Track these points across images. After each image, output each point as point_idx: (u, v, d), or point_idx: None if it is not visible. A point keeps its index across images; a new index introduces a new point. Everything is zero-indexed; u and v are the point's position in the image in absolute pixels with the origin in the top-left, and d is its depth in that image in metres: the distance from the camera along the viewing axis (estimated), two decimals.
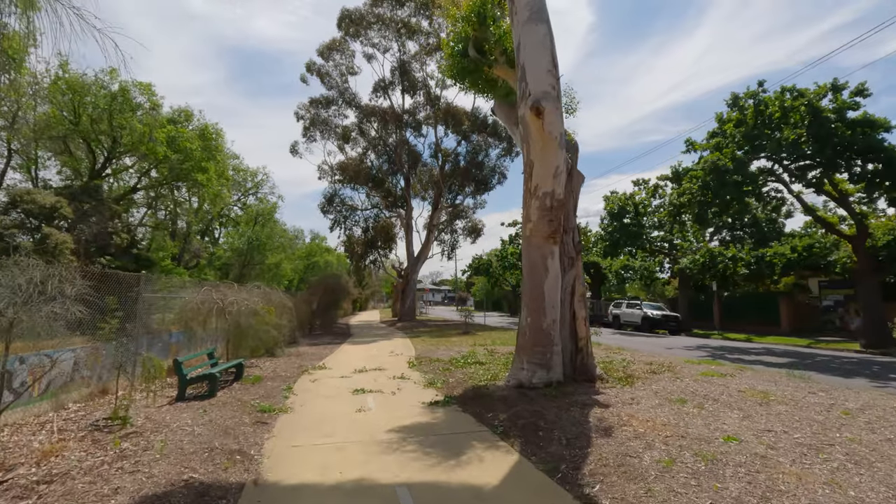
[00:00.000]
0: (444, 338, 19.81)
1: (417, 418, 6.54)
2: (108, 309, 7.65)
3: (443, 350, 14.92)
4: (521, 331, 8.56)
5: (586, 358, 8.59)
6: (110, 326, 7.40)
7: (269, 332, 10.91)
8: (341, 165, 35.08)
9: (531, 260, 8.54)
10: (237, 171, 43.32)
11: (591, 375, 8.48)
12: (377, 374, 10.61)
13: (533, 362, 8.18)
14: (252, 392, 8.49)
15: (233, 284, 11.28)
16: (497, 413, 6.53)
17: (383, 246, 37.44)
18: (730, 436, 5.09)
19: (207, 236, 45.19)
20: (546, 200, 8.30)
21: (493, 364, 11.02)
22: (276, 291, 14.44)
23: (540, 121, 7.98)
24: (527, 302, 8.49)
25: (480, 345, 16.31)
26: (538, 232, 8.44)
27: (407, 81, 33.43)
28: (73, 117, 26.09)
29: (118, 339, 10.23)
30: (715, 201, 16.32)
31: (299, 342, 18.80)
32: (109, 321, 10.95)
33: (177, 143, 28.33)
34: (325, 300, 23.94)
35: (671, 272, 32.43)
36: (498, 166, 36.27)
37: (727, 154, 16.04)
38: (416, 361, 12.40)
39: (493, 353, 13.46)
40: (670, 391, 7.59)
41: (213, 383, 8.00)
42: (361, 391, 8.47)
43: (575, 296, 8.74)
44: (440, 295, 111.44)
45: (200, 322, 10.26)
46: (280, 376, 10.28)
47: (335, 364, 12.30)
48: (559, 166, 8.35)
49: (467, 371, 10.27)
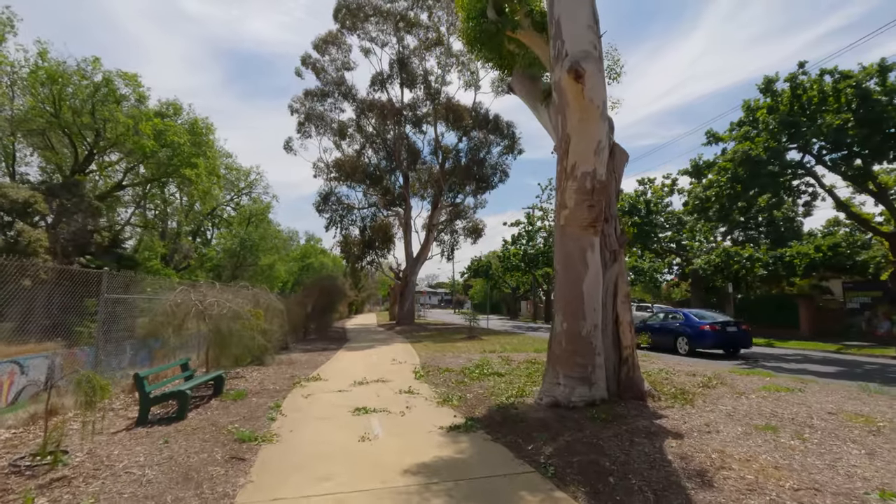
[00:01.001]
0: (448, 343, 18.38)
1: (438, 451, 5.13)
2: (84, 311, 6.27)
3: (450, 357, 13.50)
4: (554, 338, 7.16)
5: (632, 370, 7.20)
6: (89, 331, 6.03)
7: (254, 338, 9.45)
8: (337, 162, 33.63)
9: (567, 254, 7.16)
10: (230, 170, 41.85)
11: (639, 391, 7.09)
12: (380, 386, 9.19)
13: (571, 376, 6.78)
14: (232, 412, 7.05)
15: (214, 284, 9.83)
16: (539, 444, 5.13)
17: (381, 246, 35.96)
18: (885, 490, 3.70)
19: (199, 237, 43.61)
20: (586, 182, 6.92)
21: (514, 376, 9.61)
22: (266, 292, 12.99)
23: (579, 85, 6.61)
24: (562, 304, 7.10)
25: (491, 351, 14.90)
26: (575, 220, 7.06)
27: (406, 75, 32.08)
28: (53, 109, 24.54)
29: (90, 346, 8.79)
30: (745, 195, 15.01)
31: (292, 348, 17.32)
32: (88, 325, 9.54)
33: (164, 137, 26.78)
34: (320, 303, 22.47)
35: (681, 273, 31.15)
36: (499, 164, 34.96)
37: (759, 143, 14.74)
38: (422, 371, 10.97)
39: (508, 361, 12.05)
40: (744, 413, 6.21)
41: (183, 403, 6.55)
42: (363, 411, 7.04)
43: (618, 296, 7.36)
44: (436, 298, 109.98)
45: (176, 327, 8.81)
46: (267, 390, 8.84)
47: (331, 374, 10.86)
48: (601, 141, 6.99)
49: (485, 384, 8.86)
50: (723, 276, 26.79)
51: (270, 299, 12.58)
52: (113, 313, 9.20)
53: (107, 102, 25.38)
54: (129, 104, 26.77)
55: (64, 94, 24.84)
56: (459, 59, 34.17)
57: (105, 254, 24.40)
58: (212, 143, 32.77)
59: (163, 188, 33.74)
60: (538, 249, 34.62)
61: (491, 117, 33.47)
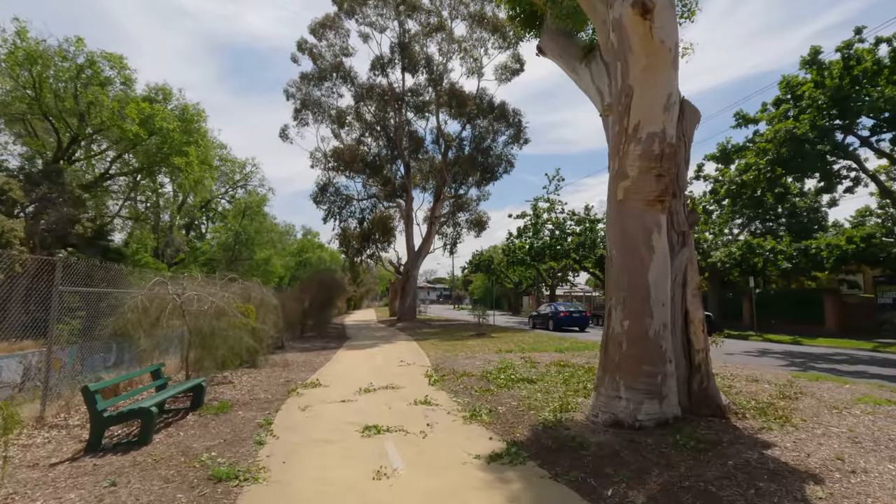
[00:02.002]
0: (457, 341, 17.02)
1: (483, 496, 3.76)
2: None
3: (464, 358, 12.14)
4: (611, 340, 5.78)
5: (706, 380, 5.84)
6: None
7: (242, 338, 8.05)
8: (336, 151, 32.13)
9: (626, 235, 5.77)
10: (224, 162, 40.34)
11: (717, 406, 5.73)
12: (390, 395, 7.82)
13: (636, 388, 5.41)
14: (211, 431, 5.67)
15: (196, 277, 8.41)
16: (620, 486, 3.77)
17: (381, 239, 34.52)
18: None
19: (193, 231, 42.12)
20: (653, 145, 5.53)
21: (549, 383, 8.23)
22: (259, 287, 11.58)
23: (647, 23, 5.23)
24: (620, 298, 5.72)
25: (507, 351, 13.55)
26: (639, 193, 5.67)
27: (407, 59, 30.52)
28: (33, 93, 22.97)
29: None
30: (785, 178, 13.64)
31: (288, 347, 15.95)
32: (70, 322, 8.19)
33: (152, 122, 25.21)
34: (318, 298, 21.05)
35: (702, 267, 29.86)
36: (504, 154, 33.52)
37: (805, 121, 13.36)
38: (436, 375, 9.61)
39: (533, 363, 10.69)
40: (870, 437, 4.86)
41: (147, 423, 5.15)
42: (375, 430, 5.66)
43: (688, 288, 5.98)
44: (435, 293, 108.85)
45: (149, 326, 7.40)
46: (258, 400, 7.45)
47: (332, 378, 9.48)
48: (672, 94, 5.60)
49: (517, 394, 7.48)
50: (741, 269, 25.50)
51: (263, 294, 11.18)
52: (97, 311, 7.85)
53: (90, 85, 23.83)
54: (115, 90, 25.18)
55: (45, 77, 23.26)
56: (462, 45, 32.71)
57: (89, 246, 22.91)
58: (203, 130, 31.26)
59: (154, 179, 32.15)
60: (545, 243, 33.23)
61: (496, 104, 31.99)
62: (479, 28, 31.72)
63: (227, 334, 7.67)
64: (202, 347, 7.85)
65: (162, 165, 27.88)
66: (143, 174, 29.38)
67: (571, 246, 32.33)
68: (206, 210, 42.39)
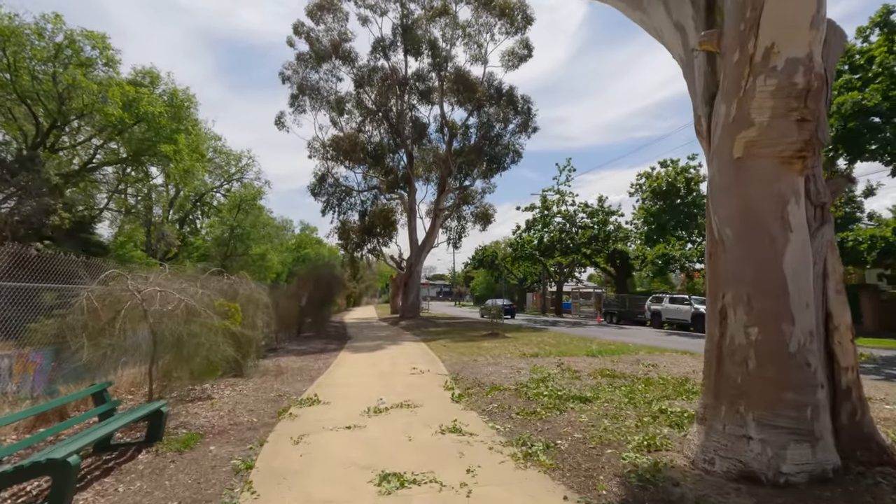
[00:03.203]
0: (470, 342, 15.36)
1: None
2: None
3: (485, 364, 10.48)
4: (727, 355, 4.12)
5: (859, 410, 4.18)
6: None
7: (220, 345, 6.38)
8: (335, 140, 30.35)
9: (751, 207, 4.10)
10: (218, 154, 38.57)
11: (881, 450, 4.07)
12: (407, 417, 6.17)
13: (776, 426, 3.76)
14: (163, 486, 4.00)
15: (163, 268, 6.71)
16: None
17: (382, 233, 32.79)
18: None
19: (188, 226, 40.37)
20: (795, 75, 3.86)
21: (608, 402, 6.55)
22: (246, 281, 9.89)
23: None
24: (742, 295, 4.05)
25: (532, 354, 11.90)
26: (770, 145, 4.00)
27: (410, 42, 28.72)
28: (9, 74, 21.18)
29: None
30: (853, 155, 11.95)
31: (283, 349, 14.33)
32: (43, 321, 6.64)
33: (137, 106, 23.43)
34: (317, 295, 19.37)
35: None
36: (512, 143, 31.76)
37: (875, 91, 11.66)
38: (458, 387, 7.96)
39: (572, 372, 9.04)
40: None
41: (61, 482, 3.46)
42: (397, 481, 4.00)
43: (829, 281, 4.31)
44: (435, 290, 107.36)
45: (94, 333, 5.72)
46: (238, 426, 5.80)
47: (333, 391, 7.83)
48: (821, 10, 3.93)
49: (574, 419, 5.81)
50: None
51: (252, 290, 9.50)
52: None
53: (70, 66, 22.06)
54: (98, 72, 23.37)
55: (21, 57, 21.46)
56: (466, 30, 30.95)
57: (68, 238, 21.19)
58: (194, 118, 29.51)
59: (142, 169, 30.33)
60: (554, 236, 31.60)
61: (505, 90, 30.22)
62: (485, 12, 29.95)
63: (201, 341, 6.00)
64: (172, 357, 6.18)
65: (149, 154, 26.12)
66: (130, 163, 27.57)
67: (583, 239, 30.71)
68: (201, 204, 40.67)
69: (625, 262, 34.15)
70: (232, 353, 6.59)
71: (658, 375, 8.84)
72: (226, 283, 9.45)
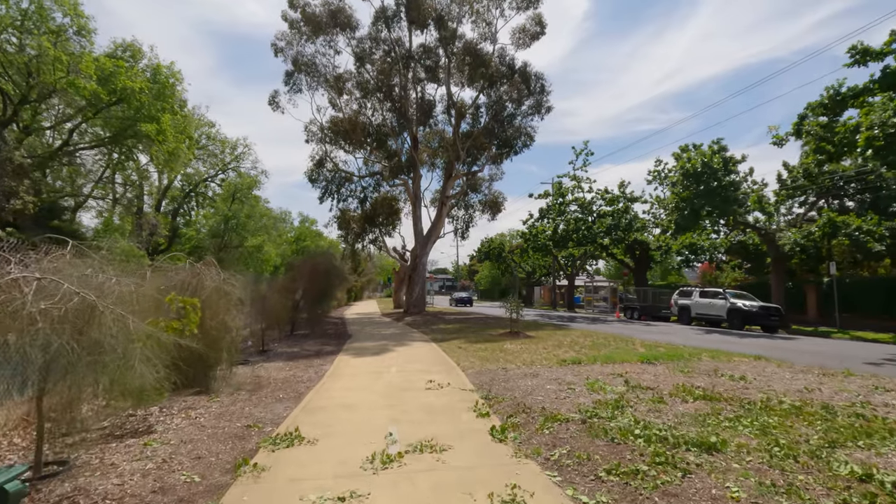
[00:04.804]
0: (489, 343, 13.16)
1: None
2: None
3: (518, 375, 8.27)
4: None
5: None
6: None
7: (150, 361, 4.17)
8: (333, 122, 28.06)
9: None
10: (212, 141, 36.33)
11: None
12: (432, 472, 3.98)
13: None
14: None
15: (64, 252, 4.46)
16: None
17: (385, 222, 30.58)
18: None
19: (181, 217, 38.17)
20: None
21: (747, 450, 4.27)
22: (214, 271, 7.66)
23: None
24: None
25: (573, 361, 9.66)
26: None
27: (414, 10, 26.26)
28: None
29: None
30: None
31: (272, 350, 12.20)
32: None
33: (115, 81, 21.15)
34: (313, 288, 17.16)
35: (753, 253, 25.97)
36: (524, 126, 29.40)
37: None
38: (495, 413, 5.77)
39: (649, 391, 6.82)
40: None
41: None
42: None
43: None
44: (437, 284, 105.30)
45: None
46: (167, 491, 3.61)
47: (324, 417, 5.64)
48: None
49: (713, 486, 3.61)
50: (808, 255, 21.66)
51: (218, 282, 7.28)
52: None
53: (34, 33, 19.81)
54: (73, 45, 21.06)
55: None
56: (473, 6, 28.50)
57: (35, 225, 18.99)
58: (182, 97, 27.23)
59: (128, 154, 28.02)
60: (570, 225, 29.33)
61: (517, 66, 27.81)
62: None
63: (105, 358, 3.78)
64: (65, 380, 3.97)
65: (130, 135, 23.84)
66: (110, 145, 25.31)
67: (601, 229, 28.43)
68: (195, 195, 38.48)
69: (644, 254, 31.90)
70: (161, 372, 4.37)
71: (766, 395, 6.62)
72: (186, 273, 7.24)
